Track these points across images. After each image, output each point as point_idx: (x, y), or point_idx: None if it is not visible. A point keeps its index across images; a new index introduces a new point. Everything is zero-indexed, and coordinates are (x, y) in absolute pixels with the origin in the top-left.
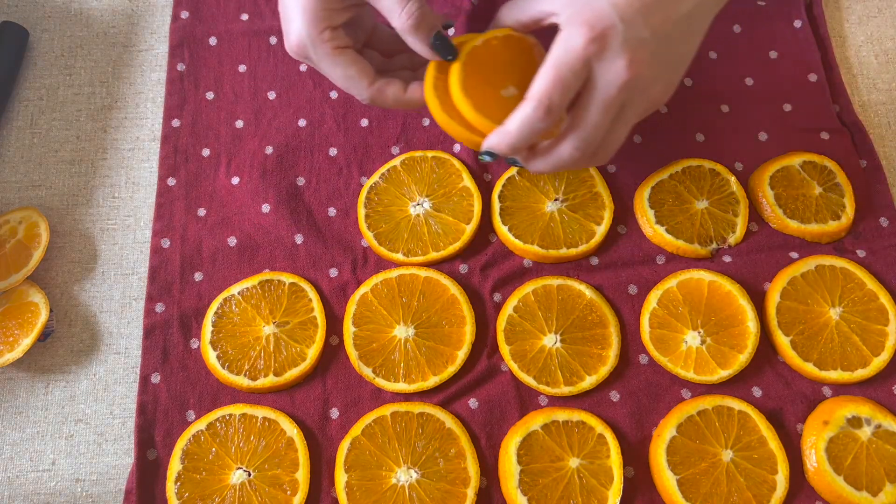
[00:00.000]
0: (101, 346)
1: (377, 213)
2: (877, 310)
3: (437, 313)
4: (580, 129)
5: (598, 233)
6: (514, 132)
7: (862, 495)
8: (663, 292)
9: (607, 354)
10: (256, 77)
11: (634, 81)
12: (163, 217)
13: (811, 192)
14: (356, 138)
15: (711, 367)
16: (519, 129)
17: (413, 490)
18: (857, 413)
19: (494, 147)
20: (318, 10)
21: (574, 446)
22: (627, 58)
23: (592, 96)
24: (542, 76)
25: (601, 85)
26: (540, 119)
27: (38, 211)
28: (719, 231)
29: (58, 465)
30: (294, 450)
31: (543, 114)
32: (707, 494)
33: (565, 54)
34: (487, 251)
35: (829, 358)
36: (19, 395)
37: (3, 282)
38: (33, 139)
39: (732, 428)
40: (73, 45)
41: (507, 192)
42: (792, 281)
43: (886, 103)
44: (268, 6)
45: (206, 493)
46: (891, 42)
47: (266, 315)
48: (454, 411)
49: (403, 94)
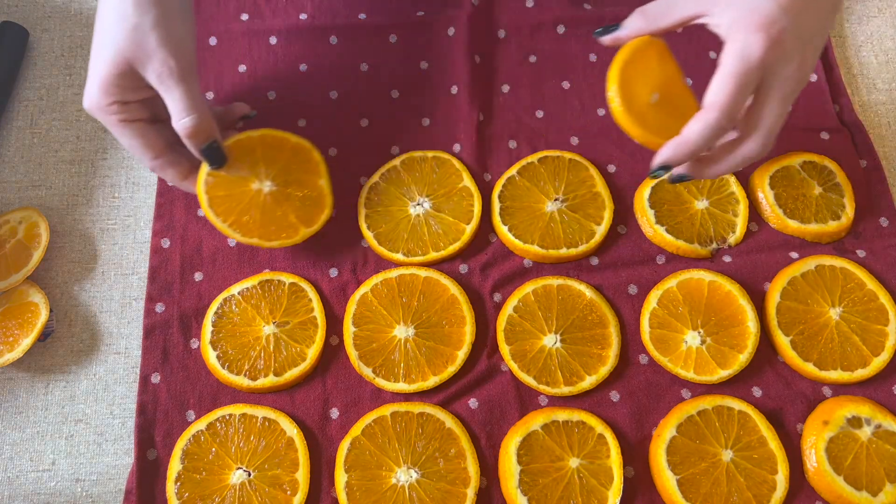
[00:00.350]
0: (101, 346)
1: (377, 213)
2: (877, 310)
3: (437, 313)
4: (762, 126)
5: (598, 233)
6: (694, 141)
7: (862, 495)
8: (663, 292)
9: (607, 354)
10: (256, 77)
11: (804, 76)
12: (163, 217)
13: (811, 192)
14: (356, 138)
15: (711, 367)
16: (701, 137)
17: (413, 490)
18: (857, 413)
19: (672, 158)
20: (109, 85)
21: (574, 446)
22: (799, 57)
23: (772, 96)
24: (722, 84)
25: (777, 84)
26: (723, 127)
27: (38, 211)
28: (719, 231)
29: (58, 465)
30: (294, 450)
31: (727, 121)
32: (707, 494)
33: (745, 62)
34: (487, 251)
35: (829, 358)
36: (19, 395)
37: (3, 282)
38: (33, 139)
39: (732, 428)
40: (73, 45)
41: (507, 192)
42: (792, 281)
43: (886, 103)
44: (268, 6)
45: (206, 493)
46: (891, 42)
47: (266, 315)
48: (454, 411)
49: (182, 179)
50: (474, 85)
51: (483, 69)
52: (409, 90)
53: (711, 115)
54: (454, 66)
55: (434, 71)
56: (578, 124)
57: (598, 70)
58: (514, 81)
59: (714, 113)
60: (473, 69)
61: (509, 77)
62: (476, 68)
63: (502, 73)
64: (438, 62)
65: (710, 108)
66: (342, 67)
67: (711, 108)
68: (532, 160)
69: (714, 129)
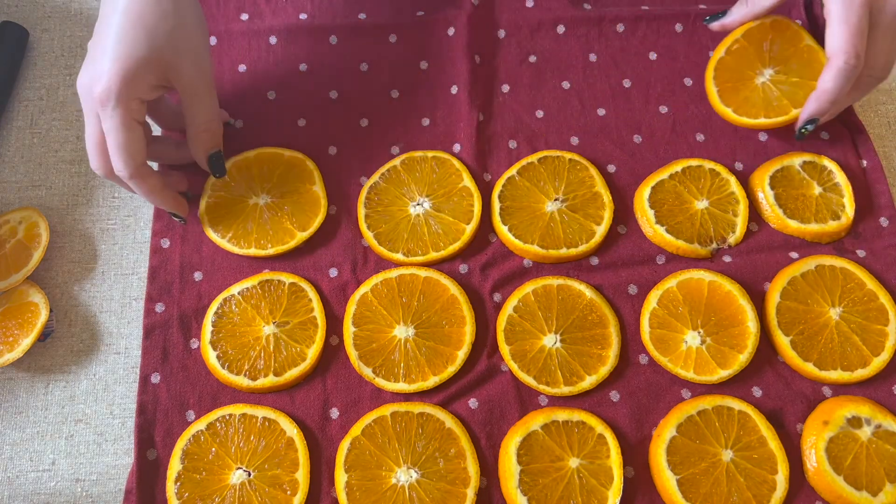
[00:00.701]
0: (101, 346)
1: (377, 213)
2: (877, 310)
3: (437, 313)
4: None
5: (598, 233)
6: (831, 89)
7: (862, 495)
8: (663, 292)
9: (607, 354)
10: (256, 77)
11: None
12: (162, 217)
13: (811, 192)
14: (356, 138)
15: (711, 367)
16: (835, 84)
17: (413, 490)
18: (857, 413)
19: (816, 111)
20: (136, 79)
21: (574, 446)
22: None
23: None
24: (836, 30)
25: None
26: (853, 68)
27: (38, 211)
28: (719, 231)
29: (58, 465)
30: (294, 450)
31: (856, 61)
32: (707, 494)
33: (851, 5)
34: (487, 251)
35: (829, 358)
36: (19, 395)
37: (3, 282)
38: (33, 139)
39: (732, 428)
40: (73, 45)
41: (507, 192)
42: (792, 281)
43: (886, 103)
44: (268, 6)
45: (206, 493)
46: None
47: (266, 315)
48: (454, 411)
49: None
50: (474, 85)
51: (483, 69)
52: (409, 90)
53: (839, 60)
54: (454, 66)
55: (434, 71)
56: (578, 124)
57: (598, 70)
58: (514, 81)
59: (841, 56)
60: (473, 69)
61: (509, 77)
62: (476, 68)
63: (502, 73)
64: (438, 62)
65: (834, 56)
66: (342, 67)
67: (836, 56)
68: (532, 160)
69: (845, 73)
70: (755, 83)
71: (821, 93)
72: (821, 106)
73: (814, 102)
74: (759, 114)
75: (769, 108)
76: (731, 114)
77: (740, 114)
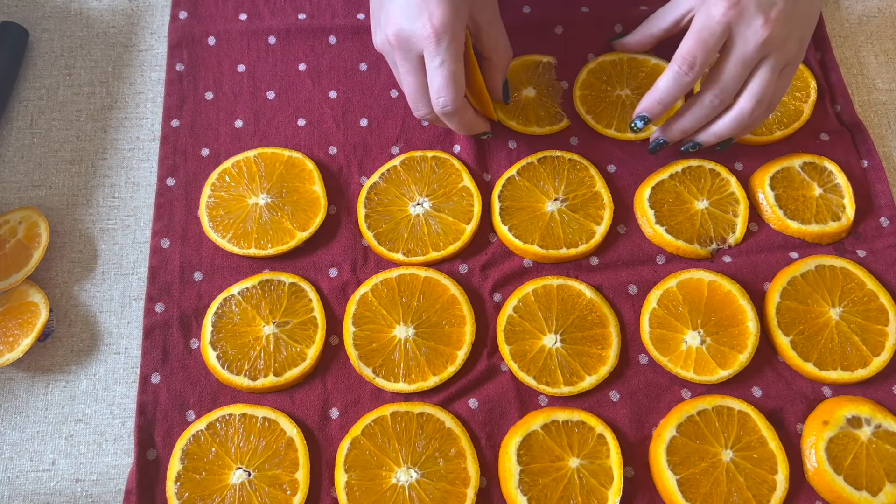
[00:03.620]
0: (101, 346)
1: (377, 213)
2: (877, 310)
3: (437, 313)
4: (720, 81)
5: (598, 233)
6: (662, 88)
7: (862, 495)
8: (663, 292)
9: (607, 354)
10: (255, 77)
11: (770, 39)
12: (162, 217)
13: (811, 193)
14: (356, 138)
15: (711, 367)
16: (666, 84)
17: (413, 490)
18: (857, 413)
19: (644, 107)
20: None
21: (574, 446)
22: (762, 18)
23: (733, 53)
24: (686, 40)
25: (739, 43)
26: (685, 73)
27: (38, 211)
28: (719, 231)
29: (58, 465)
30: (294, 450)
31: (688, 68)
32: (707, 494)
33: (707, 20)
34: (487, 251)
35: (829, 358)
36: (19, 395)
37: (3, 282)
38: (33, 139)
39: (732, 428)
40: (73, 45)
41: (507, 192)
42: (792, 281)
43: (886, 103)
44: (266, 6)
45: (206, 493)
46: (891, 42)
47: (266, 315)
48: (454, 411)
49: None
50: None
51: None
52: None
53: (674, 65)
54: None
55: None
56: (577, 124)
57: None
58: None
59: (676, 62)
60: None
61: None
62: None
63: None
64: None
65: (674, 60)
66: (342, 67)
67: (675, 61)
68: (532, 160)
69: (675, 78)
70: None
71: (651, 90)
72: (649, 104)
73: (644, 99)
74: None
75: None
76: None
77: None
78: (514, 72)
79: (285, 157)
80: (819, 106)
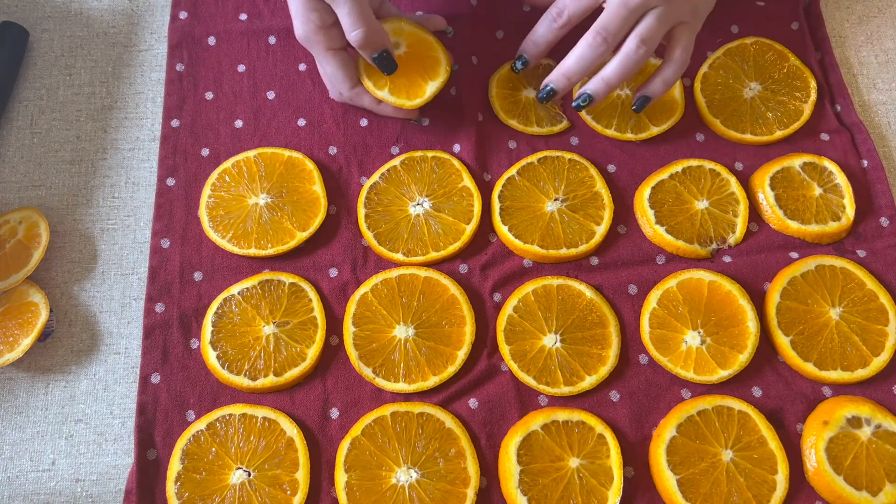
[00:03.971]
0: (101, 346)
1: (377, 213)
2: (877, 310)
3: (437, 313)
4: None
5: (598, 233)
6: (577, 52)
7: (862, 495)
8: (663, 292)
9: (607, 354)
10: (255, 77)
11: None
12: (162, 217)
13: (811, 193)
14: (356, 138)
15: (711, 367)
16: (580, 49)
17: (413, 490)
18: (857, 413)
19: (555, 80)
20: (308, 11)
21: (574, 446)
22: None
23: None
24: (602, 14)
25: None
26: (598, 46)
27: (38, 211)
28: (719, 231)
29: (58, 465)
30: (294, 450)
31: (601, 38)
32: (707, 494)
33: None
34: (487, 251)
35: (829, 358)
36: (19, 395)
37: (3, 282)
38: (33, 139)
39: (732, 428)
40: (73, 45)
41: (507, 192)
42: (792, 281)
43: (886, 103)
44: (266, 6)
45: (206, 493)
46: (891, 42)
47: (266, 315)
48: (454, 411)
49: (377, 104)
50: (473, 85)
51: (482, 69)
52: None
53: (586, 38)
54: None
55: None
56: (577, 124)
57: None
58: None
59: (588, 36)
60: (473, 69)
61: None
62: (475, 68)
63: None
64: None
65: (589, 31)
66: None
67: (587, 34)
68: (532, 160)
69: (590, 46)
70: (743, 97)
71: (560, 64)
72: (566, 62)
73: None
74: (746, 129)
75: (755, 124)
76: (719, 125)
77: (728, 126)
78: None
79: (285, 157)
80: (819, 106)
